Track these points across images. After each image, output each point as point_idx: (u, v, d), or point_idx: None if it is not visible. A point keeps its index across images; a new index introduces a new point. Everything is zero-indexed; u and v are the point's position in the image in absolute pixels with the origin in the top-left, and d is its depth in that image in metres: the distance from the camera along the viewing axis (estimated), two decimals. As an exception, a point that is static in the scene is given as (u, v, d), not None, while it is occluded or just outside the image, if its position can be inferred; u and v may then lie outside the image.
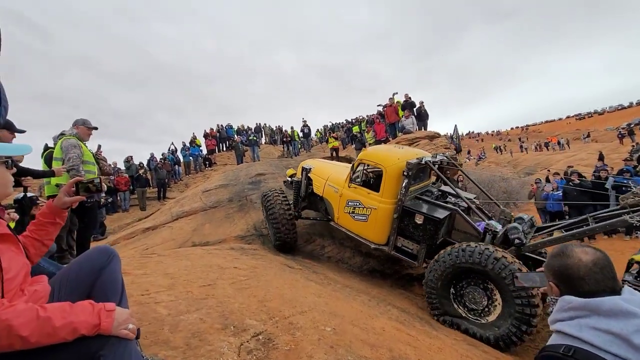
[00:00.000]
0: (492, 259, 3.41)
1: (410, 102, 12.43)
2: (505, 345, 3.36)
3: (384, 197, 4.55)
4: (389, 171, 4.50)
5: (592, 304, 0.90)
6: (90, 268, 1.24)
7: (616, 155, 19.67)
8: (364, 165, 4.99)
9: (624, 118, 47.18)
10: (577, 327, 0.90)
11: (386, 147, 5.77)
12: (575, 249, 1.02)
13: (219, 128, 19.62)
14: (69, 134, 3.89)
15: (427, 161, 4.54)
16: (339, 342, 2.11)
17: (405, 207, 4.36)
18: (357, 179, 5.02)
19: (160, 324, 1.85)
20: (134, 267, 3.18)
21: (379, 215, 4.57)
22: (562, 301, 0.98)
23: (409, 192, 4.43)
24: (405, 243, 4.47)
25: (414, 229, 4.31)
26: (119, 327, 1.03)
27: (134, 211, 12.63)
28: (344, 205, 5.06)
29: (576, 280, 0.97)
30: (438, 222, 4.09)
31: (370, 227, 4.71)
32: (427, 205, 4.43)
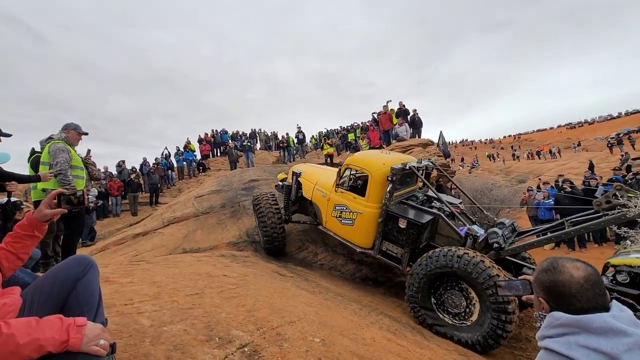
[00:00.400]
0: (465, 261, 3.48)
1: (404, 109, 12.53)
2: (494, 341, 3.36)
3: (370, 201, 4.61)
4: (374, 176, 4.57)
5: (582, 321, 0.88)
6: (64, 279, 1.19)
7: (605, 164, 20.00)
8: (350, 170, 5.07)
9: (613, 128, 48.13)
10: (567, 345, 0.87)
11: (372, 153, 5.85)
12: (566, 264, 0.99)
13: (213, 133, 19.55)
14: (57, 138, 3.81)
15: (411, 166, 4.58)
16: (327, 354, 2.06)
17: (389, 212, 4.41)
18: (344, 183, 5.09)
19: (141, 336, 1.79)
20: (120, 275, 3.10)
21: (364, 219, 4.63)
22: (551, 317, 0.95)
23: (393, 196, 4.51)
24: (390, 247, 4.53)
25: (397, 233, 4.37)
26: (89, 344, 0.98)
27: (125, 216, 12.44)
28: (332, 209, 5.12)
29: (567, 297, 0.95)
30: (421, 226, 4.16)
31: (356, 231, 4.76)
32: (411, 210, 4.50)
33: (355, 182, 5.24)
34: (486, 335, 3.34)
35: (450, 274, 3.63)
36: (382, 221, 4.46)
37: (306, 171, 6.10)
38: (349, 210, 4.84)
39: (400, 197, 4.76)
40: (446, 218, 4.23)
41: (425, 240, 4.40)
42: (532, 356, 3.93)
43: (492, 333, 3.31)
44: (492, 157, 43.08)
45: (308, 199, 5.75)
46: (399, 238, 4.37)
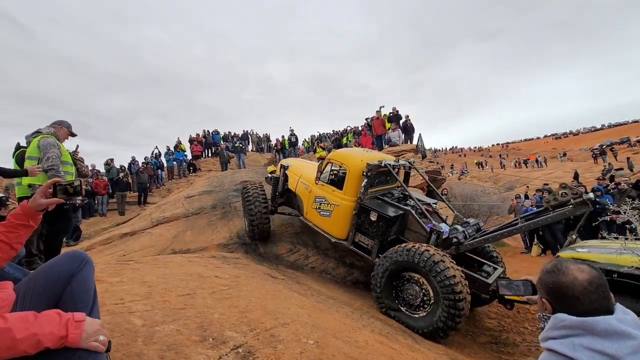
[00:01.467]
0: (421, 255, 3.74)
1: (397, 114, 12.67)
2: (444, 330, 3.59)
3: (346, 194, 4.90)
4: (351, 171, 4.87)
5: (587, 323, 0.88)
6: (59, 274, 1.16)
7: (589, 174, 20.59)
8: (331, 165, 5.36)
9: (596, 139, 49.65)
10: (571, 347, 0.88)
11: (353, 149, 6.14)
12: (570, 266, 0.99)
13: (205, 133, 19.36)
14: (47, 132, 3.71)
15: (386, 164, 4.85)
16: (321, 356, 2.05)
17: (363, 205, 4.68)
18: (325, 177, 5.39)
19: (133, 336, 1.75)
20: (109, 275, 3.03)
21: (340, 211, 4.92)
22: (555, 319, 0.95)
23: (368, 191, 4.80)
24: (362, 238, 4.78)
25: (368, 226, 4.63)
26: (88, 339, 0.96)
27: (111, 216, 12.16)
28: (312, 201, 5.41)
29: (570, 299, 0.95)
30: (389, 219, 4.41)
31: (333, 222, 5.06)
32: (383, 205, 4.75)
33: (335, 176, 5.46)
34: (438, 324, 3.59)
35: (409, 267, 3.87)
36: (356, 214, 4.72)
37: (293, 165, 6.40)
38: (327, 202, 5.13)
39: (376, 193, 5.03)
40: (415, 215, 4.44)
41: (394, 234, 4.69)
42: (520, 361, 3.99)
43: (443, 323, 3.55)
44: (480, 164, 43.82)
45: (293, 190, 6.03)
46: (370, 230, 4.63)
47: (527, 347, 4.33)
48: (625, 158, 22.24)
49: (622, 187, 8.83)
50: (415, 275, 3.91)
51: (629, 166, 19.25)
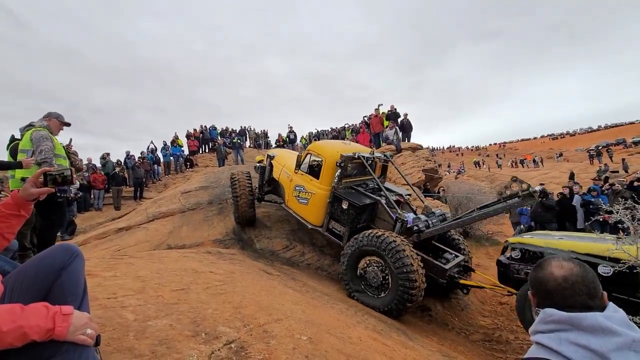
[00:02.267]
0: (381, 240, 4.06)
1: (395, 112, 12.66)
2: (401, 308, 3.94)
3: (322, 183, 5.20)
4: (327, 161, 5.17)
5: (574, 319, 0.90)
6: (49, 267, 1.14)
7: (585, 174, 20.72)
8: (310, 156, 5.66)
9: (593, 140, 49.95)
10: (557, 341, 0.89)
11: (331, 142, 6.48)
12: (552, 262, 1.02)
13: (202, 129, 19.27)
14: (39, 126, 3.67)
15: (360, 155, 5.14)
16: (315, 352, 2.06)
17: (336, 194, 4.98)
18: (304, 167, 5.69)
19: (125, 330, 1.74)
20: (103, 269, 3.01)
21: (316, 199, 5.22)
22: (544, 313, 0.98)
23: (342, 181, 5.10)
24: (335, 225, 5.09)
25: (340, 213, 4.94)
26: (75, 332, 0.95)
27: (107, 210, 12.10)
28: (293, 189, 5.71)
29: (545, 293, 0.99)
30: (358, 208, 4.70)
31: (310, 209, 5.37)
32: (355, 194, 5.03)
33: (313, 166, 5.74)
34: (396, 304, 3.92)
35: (373, 252, 4.17)
36: (330, 202, 5.04)
37: (278, 155, 6.72)
38: (305, 191, 5.44)
39: (352, 183, 5.32)
40: (384, 204, 4.75)
41: (364, 222, 4.99)
42: (511, 357, 4.03)
43: (396, 305, 3.91)
44: (478, 164, 43.99)
45: (277, 179, 6.36)
46: (342, 218, 4.94)
47: (520, 345, 4.37)
48: (621, 159, 22.42)
49: (616, 188, 8.90)
50: (377, 259, 4.20)
51: (624, 167, 19.40)
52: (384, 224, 4.85)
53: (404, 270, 3.82)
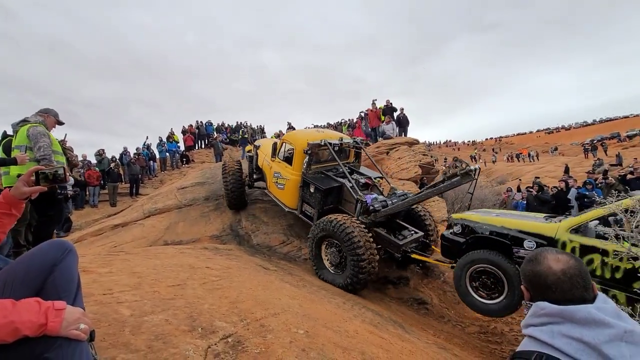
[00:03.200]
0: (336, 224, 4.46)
1: (391, 107, 12.63)
2: (353, 287, 4.37)
3: (295, 170, 5.66)
4: (297, 149, 5.62)
5: (567, 311, 0.90)
6: (41, 264, 1.13)
7: (580, 168, 20.87)
8: (285, 144, 6.12)
9: (588, 134, 50.24)
10: (550, 334, 0.90)
11: (303, 130, 6.94)
12: (548, 255, 1.01)
13: (198, 124, 19.14)
14: (35, 121, 3.62)
15: (326, 142, 5.55)
16: (311, 345, 2.07)
17: (305, 179, 5.43)
18: (281, 155, 6.14)
19: (121, 326, 1.74)
20: (98, 265, 3.00)
21: (290, 184, 5.70)
22: (536, 307, 0.98)
23: (311, 167, 5.54)
24: (307, 208, 5.55)
25: (310, 197, 5.40)
26: (68, 327, 0.94)
27: (103, 207, 12.01)
28: (272, 175, 6.23)
29: (544, 287, 0.98)
30: (323, 191, 5.15)
31: (286, 194, 5.87)
32: (322, 179, 5.46)
33: (287, 154, 6.13)
34: (352, 278, 4.33)
35: (331, 235, 4.58)
36: (301, 186, 5.50)
37: (263, 144, 7.26)
38: (281, 177, 5.92)
39: (323, 168, 5.73)
40: (349, 187, 5.15)
41: (331, 204, 5.42)
42: (506, 349, 4.08)
43: (351, 280, 4.33)
44: (474, 158, 44.15)
45: (261, 167, 6.93)
46: (311, 200, 5.39)
47: (515, 336, 4.43)
48: (615, 154, 22.60)
49: (609, 181, 8.98)
50: (334, 241, 4.62)
51: (618, 161, 19.56)
52: (349, 205, 5.27)
53: (354, 248, 4.25)
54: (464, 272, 3.84)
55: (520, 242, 3.38)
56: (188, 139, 18.05)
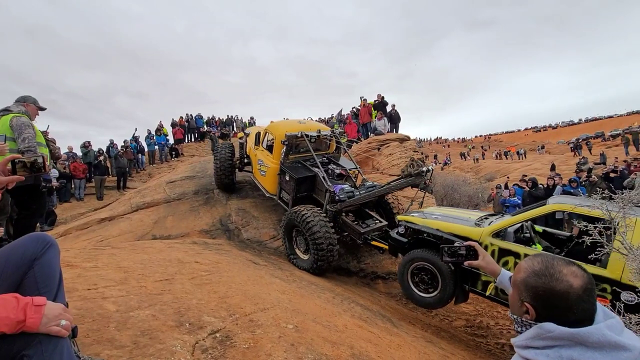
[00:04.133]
0: (299, 215, 4.83)
1: (382, 102, 12.61)
2: (318, 270, 4.81)
3: (274, 158, 6.03)
4: (276, 139, 5.97)
5: (580, 335, 0.79)
6: (19, 258, 1.09)
7: (566, 166, 21.35)
8: (267, 134, 6.50)
9: (574, 133, 51.39)
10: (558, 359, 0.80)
11: (285, 122, 7.13)
12: (563, 269, 0.87)
13: (187, 117, 18.82)
14: (17, 111, 3.50)
15: (303, 134, 5.86)
16: (300, 340, 2.07)
17: (282, 167, 5.80)
18: (264, 143, 6.52)
19: (105, 321, 1.70)
20: (83, 259, 2.93)
21: (270, 172, 6.08)
22: (540, 329, 0.85)
23: (288, 157, 5.91)
24: (284, 194, 5.92)
25: (285, 184, 5.80)
26: (48, 324, 0.91)
27: (89, 200, 11.76)
28: (257, 162, 6.64)
29: (563, 309, 0.84)
30: (296, 179, 5.48)
31: (267, 180, 6.27)
32: (297, 168, 5.79)
33: (269, 143, 6.45)
34: (315, 262, 4.75)
35: (295, 224, 4.95)
36: (279, 174, 5.91)
37: (251, 132, 7.60)
38: (264, 164, 6.29)
39: (301, 158, 6.05)
40: (320, 177, 5.42)
41: (305, 191, 5.74)
42: (492, 342, 4.18)
43: (315, 264, 4.76)
44: (464, 155, 44.71)
45: (247, 154, 7.38)
46: (286, 187, 5.77)
47: (500, 330, 4.53)
48: (599, 153, 23.17)
49: (592, 180, 9.20)
50: (300, 229, 4.95)
51: (602, 160, 20.06)
52: (321, 194, 5.57)
53: (314, 237, 4.65)
54: (405, 268, 4.18)
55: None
56: (177, 132, 17.74)
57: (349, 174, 6.08)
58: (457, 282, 3.75)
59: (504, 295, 3.25)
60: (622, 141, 24.23)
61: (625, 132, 29.03)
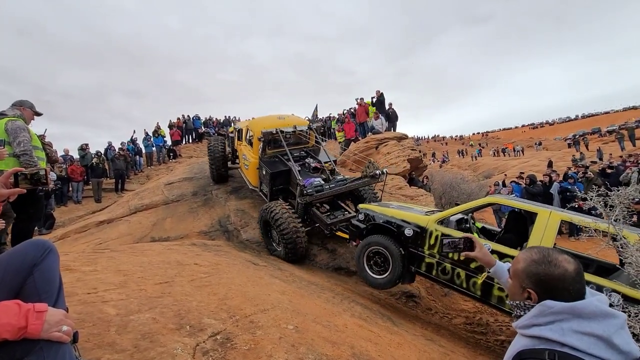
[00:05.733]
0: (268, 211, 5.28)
1: (381, 99, 12.61)
2: (290, 259, 5.30)
3: (254, 153, 6.43)
4: (255, 136, 6.38)
5: (577, 308, 0.91)
6: (20, 265, 1.09)
7: (563, 163, 21.43)
8: (248, 130, 6.89)
9: (570, 129, 51.57)
10: (560, 332, 0.90)
11: (264, 118, 7.26)
12: (558, 257, 1.00)
13: (185, 119, 18.77)
14: (14, 115, 3.48)
15: (278, 130, 6.22)
16: (301, 341, 2.08)
17: (260, 162, 6.20)
18: (247, 139, 6.91)
19: (106, 325, 1.70)
20: (82, 263, 2.93)
21: (252, 166, 6.50)
22: (543, 306, 0.96)
23: (266, 152, 6.28)
24: (263, 187, 6.32)
25: (263, 178, 6.22)
26: (50, 330, 0.91)
27: (87, 203, 11.72)
28: (242, 156, 7.10)
29: (561, 290, 0.96)
30: (271, 174, 5.86)
31: (249, 173, 6.70)
32: (273, 163, 6.14)
33: (250, 139, 6.81)
34: (285, 251, 5.25)
35: (268, 219, 5.30)
36: (258, 168, 6.30)
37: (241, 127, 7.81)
38: (246, 159, 6.73)
39: (279, 153, 6.33)
40: (295, 171, 5.68)
41: (280, 185, 6.11)
42: (491, 339, 4.20)
43: (286, 254, 5.27)
44: (461, 153, 44.83)
45: (235, 148, 7.82)
46: (264, 181, 6.15)
47: (499, 326, 4.56)
48: (596, 149, 23.28)
49: (588, 176, 9.24)
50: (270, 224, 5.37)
51: (598, 156, 20.16)
52: (295, 187, 5.83)
53: (281, 228, 5.08)
54: (362, 252, 4.45)
55: (402, 229, 4.10)
56: (175, 134, 17.69)
57: (324, 167, 6.39)
58: (405, 264, 4.06)
59: (444, 275, 3.70)
60: (616, 137, 24.35)
61: (621, 128, 29.18)
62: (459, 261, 3.57)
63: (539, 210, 3.37)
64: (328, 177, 6.16)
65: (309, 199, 5.25)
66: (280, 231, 5.12)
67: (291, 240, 5.09)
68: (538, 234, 3.20)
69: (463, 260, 3.55)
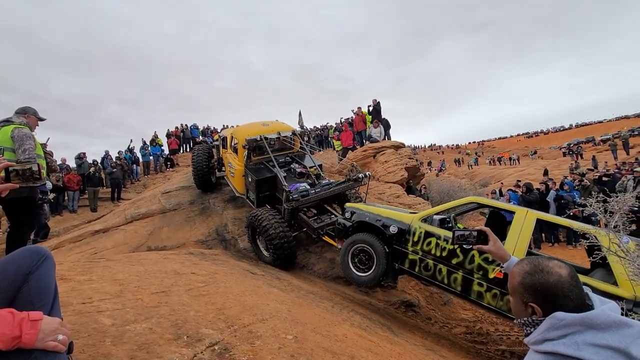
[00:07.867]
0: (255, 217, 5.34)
1: (377, 108, 12.70)
2: (278, 264, 5.31)
3: (239, 161, 6.47)
4: (240, 143, 6.40)
5: (588, 318, 0.85)
6: (14, 272, 1.06)
7: (558, 171, 21.59)
8: (232, 138, 6.89)
9: (565, 138, 52.17)
10: (575, 346, 0.84)
11: (248, 126, 7.24)
12: (549, 264, 0.97)
13: (183, 128, 18.79)
14: (19, 123, 3.48)
15: (262, 137, 6.32)
16: (300, 351, 2.04)
17: (245, 169, 6.25)
18: (232, 147, 6.93)
19: (101, 336, 1.66)
20: (77, 272, 2.87)
21: (237, 173, 6.53)
22: (554, 319, 0.90)
23: (251, 159, 6.38)
24: (250, 194, 6.34)
25: (249, 184, 6.25)
26: (45, 339, 0.89)
27: (83, 212, 11.61)
28: (227, 164, 7.11)
29: (561, 297, 0.92)
30: (256, 181, 5.89)
31: (235, 180, 6.72)
32: (259, 169, 6.19)
33: (235, 147, 6.84)
34: (272, 259, 5.31)
35: (255, 226, 5.40)
36: (244, 176, 6.33)
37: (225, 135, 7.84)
38: (232, 166, 6.75)
39: (264, 160, 6.41)
40: (280, 177, 5.72)
41: (267, 191, 6.11)
42: (492, 349, 4.15)
43: (273, 259, 5.30)
44: (458, 162, 45.07)
45: (221, 156, 7.83)
46: (250, 187, 6.20)
47: (500, 336, 4.51)
48: (591, 157, 23.52)
49: (584, 184, 9.31)
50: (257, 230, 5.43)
51: (593, 165, 20.34)
52: (281, 193, 5.84)
53: (268, 234, 5.13)
54: (347, 250, 4.48)
55: (387, 227, 4.16)
56: (173, 143, 17.67)
57: (310, 172, 6.42)
58: (389, 262, 4.10)
59: (426, 272, 3.79)
60: (610, 147, 24.66)
61: (614, 137, 29.55)
62: (440, 257, 3.67)
63: (516, 209, 3.50)
64: (314, 181, 6.19)
65: (295, 204, 5.27)
66: (267, 237, 5.15)
67: (279, 246, 5.11)
68: (515, 232, 3.33)
69: (445, 257, 3.63)
